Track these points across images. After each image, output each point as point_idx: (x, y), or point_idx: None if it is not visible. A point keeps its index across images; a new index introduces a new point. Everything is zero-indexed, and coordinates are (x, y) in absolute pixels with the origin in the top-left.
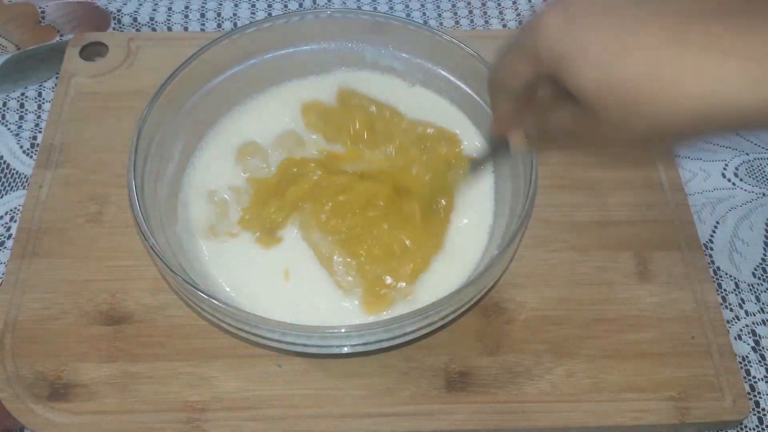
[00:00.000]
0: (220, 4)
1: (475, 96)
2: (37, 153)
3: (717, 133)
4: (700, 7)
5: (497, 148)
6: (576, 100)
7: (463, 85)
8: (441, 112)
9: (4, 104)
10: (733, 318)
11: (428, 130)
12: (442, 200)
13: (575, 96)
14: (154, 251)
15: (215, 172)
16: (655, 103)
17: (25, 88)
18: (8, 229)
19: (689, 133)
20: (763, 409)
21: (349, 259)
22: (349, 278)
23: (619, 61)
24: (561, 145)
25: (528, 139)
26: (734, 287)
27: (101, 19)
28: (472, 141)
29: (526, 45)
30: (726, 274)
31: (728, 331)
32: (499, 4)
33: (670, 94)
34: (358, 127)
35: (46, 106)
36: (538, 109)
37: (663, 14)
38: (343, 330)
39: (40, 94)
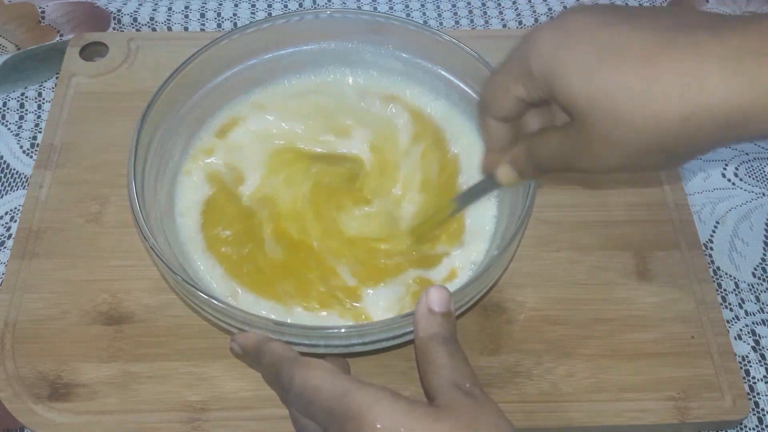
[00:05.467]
0: (220, 4)
1: (475, 96)
2: (37, 153)
3: (706, 143)
4: (689, 20)
5: (489, 183)
6: (565, 126)
7: (462, 85)
8: (439, 113)
9: (4, 104)
10: (733, 318)
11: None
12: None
13: (566, 109)
14: (154, 251)
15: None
16: (642, 109)
17: (25, 88)
18: (8, 229)
19: (678, 144)
20: (763, 409)
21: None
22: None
23: (608, 68)
24: (552, 171)
25: (518, 170)
26: (734, 287)
27: (101, 19)
28: (470, 141)
29: (518, 60)
30: (726, 274)
31: (728, 331)
32: (499, 4)
33: (656, 97)
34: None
35: (46, 106)
36: (528, 137)
37: (653, 27)
38: (343, 330)
39: (40, 94)
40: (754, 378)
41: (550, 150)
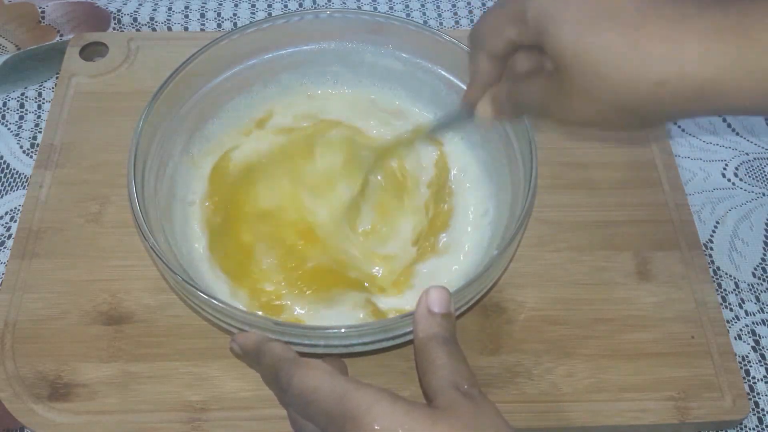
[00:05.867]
0: (220, 4)
1: None
2: (37, 153)
3: (676, 111)
4: None
5: (465, 115)
6: (550, 72)
7: (462, 85)
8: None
9: (4, 104)
10: (733, 318)
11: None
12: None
13: (552, 57)
14: (154, 251)
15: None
16: (621, 70)
17: (25, 88)
18: (8, 229)
19: (650, 108)
20: (763, 409)
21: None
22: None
23: (597, 28)
24: (530, 113)
25: (496, 107)
26: (734, 287)
27: (101, 19)
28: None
29: (515, 3)
30: (726, 274)
31: (728, 331)
32: None
33: (635, 60)
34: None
35: (46, 106)
36: (512, 77)
37: None
38: (342, 330)
39: (40, 94)
40: (754, 378)
41: (532, 93)
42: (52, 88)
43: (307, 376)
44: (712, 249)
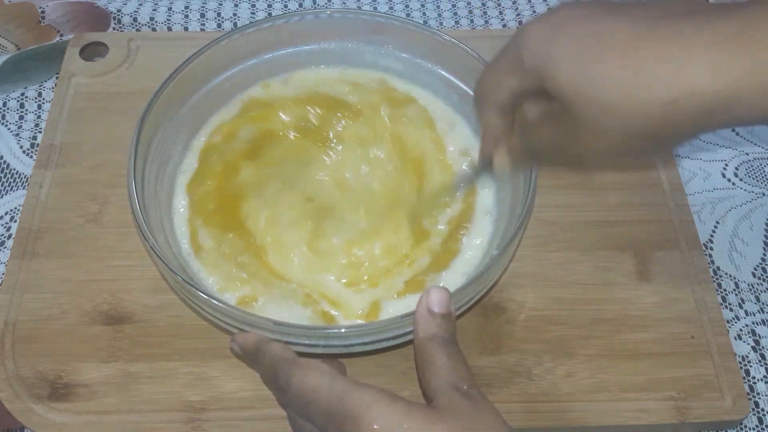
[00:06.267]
0: (220, 4)
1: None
2: (37, 153)
3: (690, 129)
4: (673, 10)
5: (484, 168)
6: (559, 114)
7: (463, 85)
8: (439, 113)
9: (4, 104)
10: (733, 318)
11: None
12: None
13: (557, 98)
14: (154, 251)
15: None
16: (626, 97)
17: (25, 88)
18: (8, 229)
19: (662, 130)
20: (763, 409)
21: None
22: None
23: (593, 60)
24: (546, 159)
25: (512, 157)
26: (734, 287)
27: (101, 19)
28: (469, 142)
29: (511, 54)
30: (726, 274)
31: (728, 331)
32: (499, 4)
33: (639, 83)
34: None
35: (46, 106)
36: (523, 127)
37: (635, 18)
38: (342, 330)
39: (40, 94)
40: (754, 378)
41: (544, 138)
42: (52, 88)
43: (306, 376)
44: (712, 249)
